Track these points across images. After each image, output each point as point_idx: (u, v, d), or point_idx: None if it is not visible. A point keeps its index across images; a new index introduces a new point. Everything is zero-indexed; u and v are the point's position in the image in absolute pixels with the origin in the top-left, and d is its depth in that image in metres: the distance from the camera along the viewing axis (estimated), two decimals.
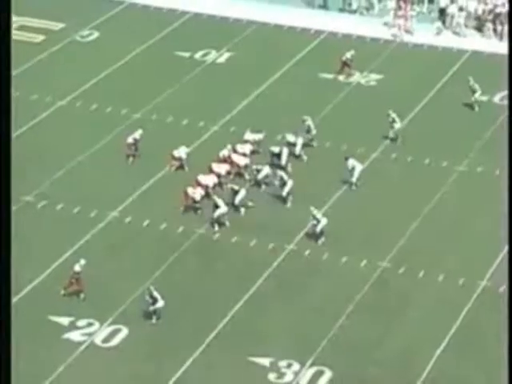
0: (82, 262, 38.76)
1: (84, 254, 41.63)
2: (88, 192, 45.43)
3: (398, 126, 49.44)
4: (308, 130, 48.12)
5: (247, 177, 46.50)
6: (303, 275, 41.27)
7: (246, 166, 46.67)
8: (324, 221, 42.32)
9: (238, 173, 46.58)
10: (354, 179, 46.11)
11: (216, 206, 43.06)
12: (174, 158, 47.18)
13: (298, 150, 47.75)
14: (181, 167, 47.21)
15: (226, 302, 39.12)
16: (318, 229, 42.41)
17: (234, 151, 47.05)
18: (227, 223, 43.56)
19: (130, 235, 43.29)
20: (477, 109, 52.89)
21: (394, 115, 49.36)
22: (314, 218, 42.36)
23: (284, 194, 44.88)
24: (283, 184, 44.90)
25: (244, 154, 47.16)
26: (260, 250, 42.34)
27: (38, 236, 43.13)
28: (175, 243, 42.76)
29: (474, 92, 52.19)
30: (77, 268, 38.66)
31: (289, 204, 45.09)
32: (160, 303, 37.39)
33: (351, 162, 46.09)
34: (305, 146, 48.30)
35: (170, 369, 36.22)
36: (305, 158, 47.96)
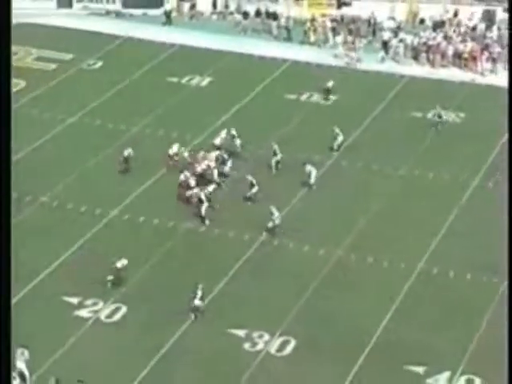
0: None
1: (90, 246, 41.72)
2: (93, 194, 45.17)
3: (340, 138, 49.12)
4: (274, 153, 47.48)
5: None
6: (273, 260, 41.14)
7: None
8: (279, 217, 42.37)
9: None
10: (311, 181, 45.83)
11: (200, 202, 42.92)
12: (169, 156, 46.97)
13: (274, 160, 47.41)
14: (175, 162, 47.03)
15: (210, 284, 38.73)
16: (276, 223, 42.34)
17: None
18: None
19: (128, 229, 42.99)
20: (415, 123, 52.74)
21: (337, 130, 49.13)
22: (272, 214, 42.21)
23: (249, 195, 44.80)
24: (252, 186, 44.68)
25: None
26: (237, 240, 42.15)
27: (52, 229, 42.74)
28: (167, 236, 42.53)
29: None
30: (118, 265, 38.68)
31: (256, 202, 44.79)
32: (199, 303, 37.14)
33: (308, 167, 45.83)
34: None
35: (162, 340, 35.98)
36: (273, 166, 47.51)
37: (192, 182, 44.45)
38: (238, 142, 48.10)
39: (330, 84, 54.62)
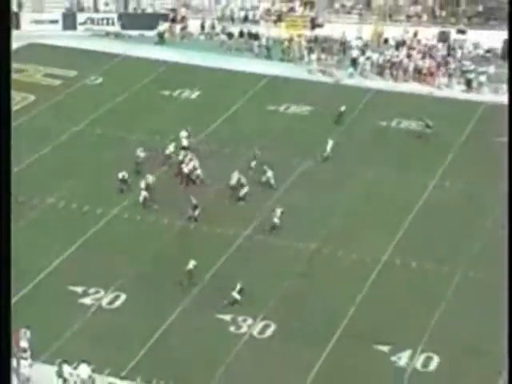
0: None
1: (92, 241, 41.76)
2: (95, 195, 45.17)
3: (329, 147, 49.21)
4: (255, 157, 47.60)
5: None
6: (256, 253, 41.17)
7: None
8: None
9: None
10: (271, 182, 46.06)
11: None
12: (167, 156, 47.50)
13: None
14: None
15: (201, 273, 38.93)
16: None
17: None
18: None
19: (127, 227, 43.04)
20: (380, 131, 53.02)
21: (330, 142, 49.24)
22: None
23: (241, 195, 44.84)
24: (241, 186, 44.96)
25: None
26: (224, 235, 42.25)
27: (58, 227, 42.74)
28: (161, 232, 42.62)
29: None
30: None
31: (242, 203, 44.84)
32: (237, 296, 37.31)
33: (269, 172, 46.12)
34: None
35: (157, 324, 36.10)
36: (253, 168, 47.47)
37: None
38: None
39: (343, 108, 54.10)
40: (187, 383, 32.27)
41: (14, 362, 32.93)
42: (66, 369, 32.45)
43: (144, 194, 44.08)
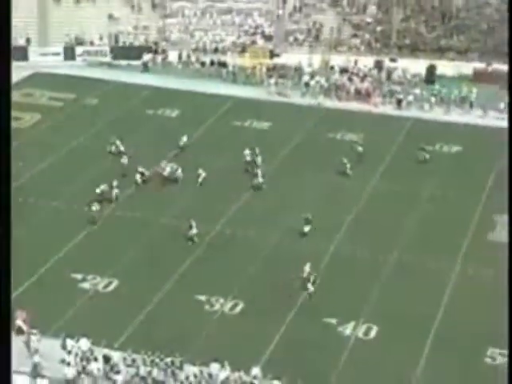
0: None
1: (89, 236, 41.46)
2: (92, 198, 44.25)
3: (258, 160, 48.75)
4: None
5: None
6: (222, 247, 40.85)
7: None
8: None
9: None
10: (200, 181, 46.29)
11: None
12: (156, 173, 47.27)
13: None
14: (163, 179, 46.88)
15: (179, 263, 38.83)
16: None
17: None
18: None
19: (119, 224, 42.72)
20: (329, 141, 53.09)
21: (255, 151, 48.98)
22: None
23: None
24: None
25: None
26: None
27: (61, 225, 42.49)
28: (147, 228, 42.26)
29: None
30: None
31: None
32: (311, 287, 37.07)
33: (200, 171, 46.33)
34: None
35: (144, 305, 35.99)
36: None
37: None
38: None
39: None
40: (169, 353, 31.97)
41: (25, 337, 32.81)
42: (69, 342, 32.35)
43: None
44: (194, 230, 40.63)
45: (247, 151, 49.06)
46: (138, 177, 46.07)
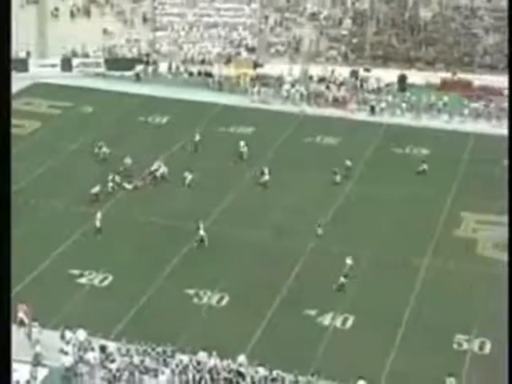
0: None
1: (86, 234, 41.23)
2: (88, 198, 44.39)
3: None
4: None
5: None
6: (209, 244, 40.43)
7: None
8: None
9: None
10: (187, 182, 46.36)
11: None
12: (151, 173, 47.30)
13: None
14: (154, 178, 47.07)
15: (167, 260, 38.89)
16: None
17: None
18: None
19: (111, 224, 42.25)
20: (308, 145, 53.05)
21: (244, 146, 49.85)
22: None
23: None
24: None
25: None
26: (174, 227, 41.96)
27: (59, 223, 42.32)
28: (139, 227, 42.14)
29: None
30: None
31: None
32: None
33: (186, 174, 46.51)
34: None
35: (137, 298, 35.93)
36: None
37: None
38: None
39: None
40: (161, 343, 31.95)
41: (26, 329, 32.71)
42: (68, 333, 32.23)
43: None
44: (202, 232, 40.41)
45: (242, 143, 50.47)
46: (125, 184, 45.98)
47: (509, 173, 41.39)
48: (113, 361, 30.97)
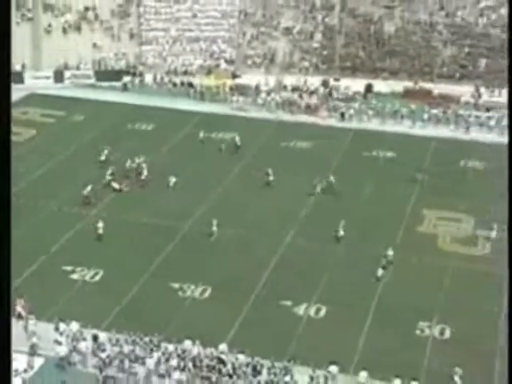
0: None
1: (79, 233, 41.06)
2: (81, 199, 44.21)
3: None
4: None
5: None
6: (192, 241, 40.52)
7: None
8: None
9: None
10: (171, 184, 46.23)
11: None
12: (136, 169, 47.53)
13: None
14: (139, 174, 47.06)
15: (153, 256, 38.76)
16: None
17: None
18: None
19: (103, 223, 42.09)
20: (283, 149, 53.02)
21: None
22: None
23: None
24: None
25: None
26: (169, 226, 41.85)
27: (54, 223, 42.14)
28: (125, 227, 42.10)
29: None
30: None
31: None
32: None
33: (171, 177, 46.40)
34: None
35: (125, 292, 35.74)
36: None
37: None
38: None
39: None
40: (148, 333, 31.88)
41: (23, 321, 32.53)
42: (62, 325, 32.08)
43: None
44: (214, 228, 40.55)
45: (237, 138, 51.23)
46: (115, 185, 45.90)
47: (509, 173, 41.26)
48: (104, 350, 30.87)
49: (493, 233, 41.67)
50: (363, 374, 30.05)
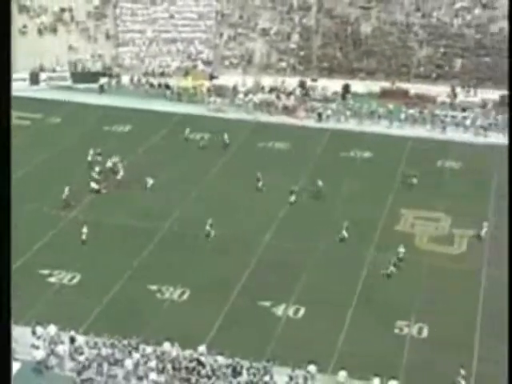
0: None
1: (56, 236, 40.84)
2: (59, 202, 43.92)
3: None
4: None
5: None
6: (170, 243, 40.47)
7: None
8: None
9: None
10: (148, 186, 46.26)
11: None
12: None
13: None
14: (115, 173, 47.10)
15: (131, 258, 38.51)
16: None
17: None
18: None
19: (79, 226, 41.82)
20: (259, 149, 53.00)
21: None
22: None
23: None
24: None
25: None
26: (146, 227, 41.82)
27: (31, 226, 41.59)
28: (101, 229, 41.80)
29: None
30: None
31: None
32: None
33: (148, 179, 46.31)
34: None
35: (103, 295, 35.60)
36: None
37: None
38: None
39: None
40: (127, 336, 31.77)
41: None
42: (39, 329, 31.87)
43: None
44: (208, 227, 40.66)
45: (226, 136, 51.75)
46: (94, 185, 45.72)
47: (509, 173, 41.39)
48: (81, 353, 30.70)
49: (469, 232, 42.00)
50: (342, 374, 30.14)
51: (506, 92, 61.69)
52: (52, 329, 31.84)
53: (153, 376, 29.93)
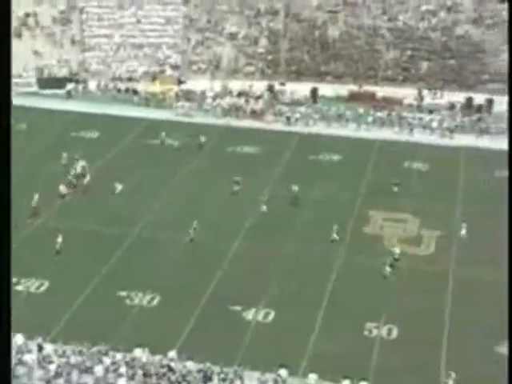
0: None
1: (24, 241, 40.08)
2: (29, 207, 43.32)
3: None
4: None
5: None
6: (139, 249, 40.36)
7: None
8: None
9: None
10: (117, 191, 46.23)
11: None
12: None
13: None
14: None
15: (100, 265, 38.26)
16: None
17: None
18: None
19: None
20: (228, 154, 53.18)
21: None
22: None
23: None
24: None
25: None
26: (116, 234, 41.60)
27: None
28: (73, 234, 41.55)
29: None
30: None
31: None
32: None
33: (117, 184, 46.38)
34: None
35: (72, 302, 35.31)
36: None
37: None
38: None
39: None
40: (96, 343, 31.55)
41: None
42: None
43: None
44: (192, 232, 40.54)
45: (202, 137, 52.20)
46: (61, 188, 45.47)
47: (509, 173, 41.34)
48: (50, 362, 30.39)
49: (437, 232, 42.42)
50: (312, 376, 30.23)
51: (471, 94, 62.82)
52: (19, 338, 31.46)
53: (122, 382, 29.72)
